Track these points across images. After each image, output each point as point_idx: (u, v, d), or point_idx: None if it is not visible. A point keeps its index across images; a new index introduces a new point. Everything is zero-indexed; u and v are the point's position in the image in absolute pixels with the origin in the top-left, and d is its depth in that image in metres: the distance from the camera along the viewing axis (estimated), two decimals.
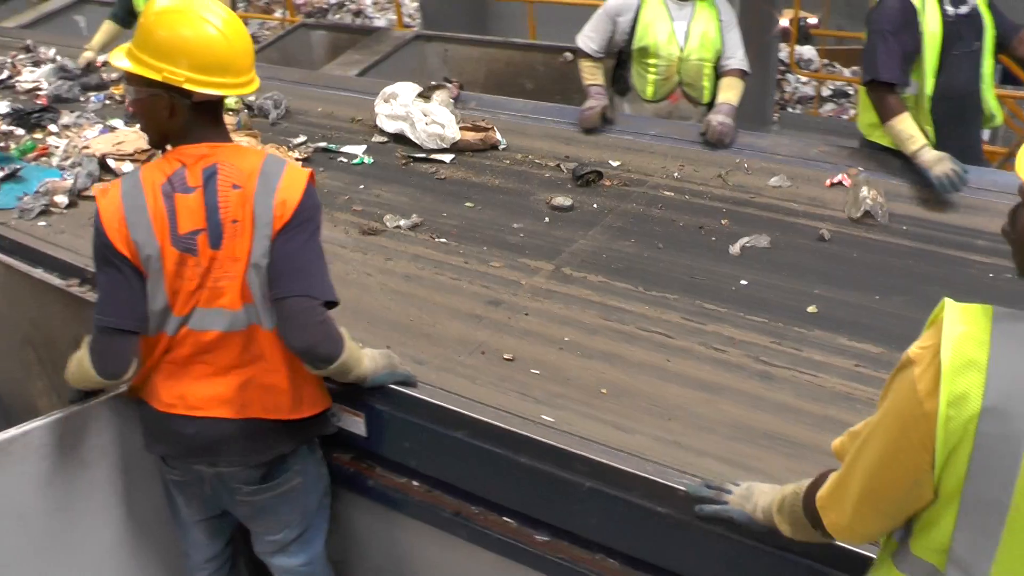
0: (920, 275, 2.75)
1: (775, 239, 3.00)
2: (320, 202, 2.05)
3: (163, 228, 1.95)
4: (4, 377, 3.59)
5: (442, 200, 3.45)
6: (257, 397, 2.06)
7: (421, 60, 5.76)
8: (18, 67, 5.48)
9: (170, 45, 1.91)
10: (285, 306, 1.95)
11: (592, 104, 3.95)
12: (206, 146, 1.99)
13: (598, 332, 2.55)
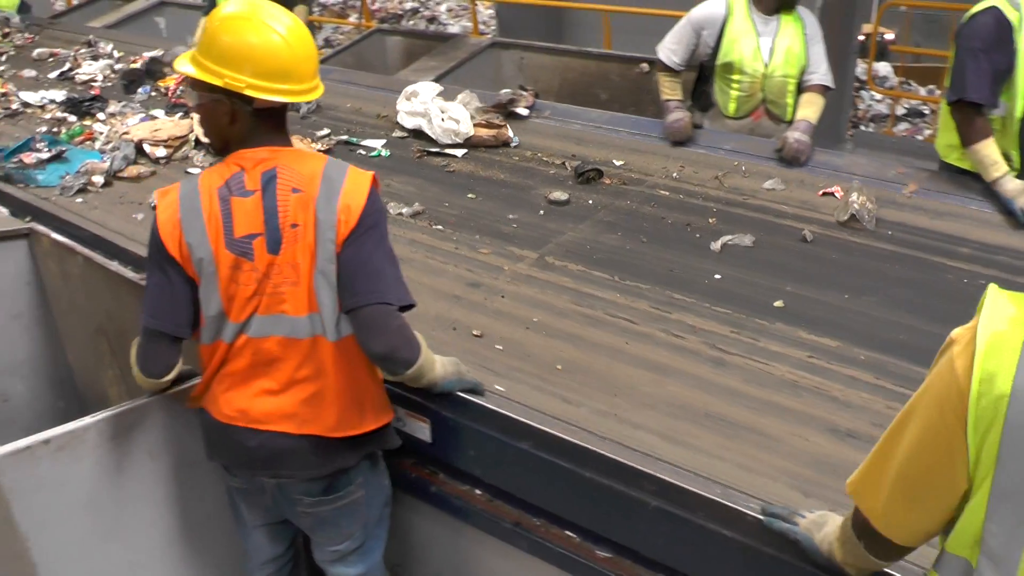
0: (895, 278, 2.82)
1: (759, 239, 3.08)
2: (383, 206, 2.03)
3: (217, 231, 1.95)
4: (79, 365, 3.69)
5: (447, 191, 3.60)
6: (319, 413, 2.04)
7: (496, 68, 5.76)
8: (79, 60, 5.91)
9: (232, 51, 1.91)
10: (362, 315, 1.94)
11: (679, 116, 3.86)
12: (266, 150, 1.99)
13: (567, 315, 2.68)
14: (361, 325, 1.96)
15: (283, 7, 2.02)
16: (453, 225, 3.29)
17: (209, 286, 1.99)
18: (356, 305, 1.94)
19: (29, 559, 2.11)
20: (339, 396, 2.04)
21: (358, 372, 2.04)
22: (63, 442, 2.11)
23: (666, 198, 3.46)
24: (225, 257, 1.96)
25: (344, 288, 1.95)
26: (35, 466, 2.07)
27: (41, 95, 5.09)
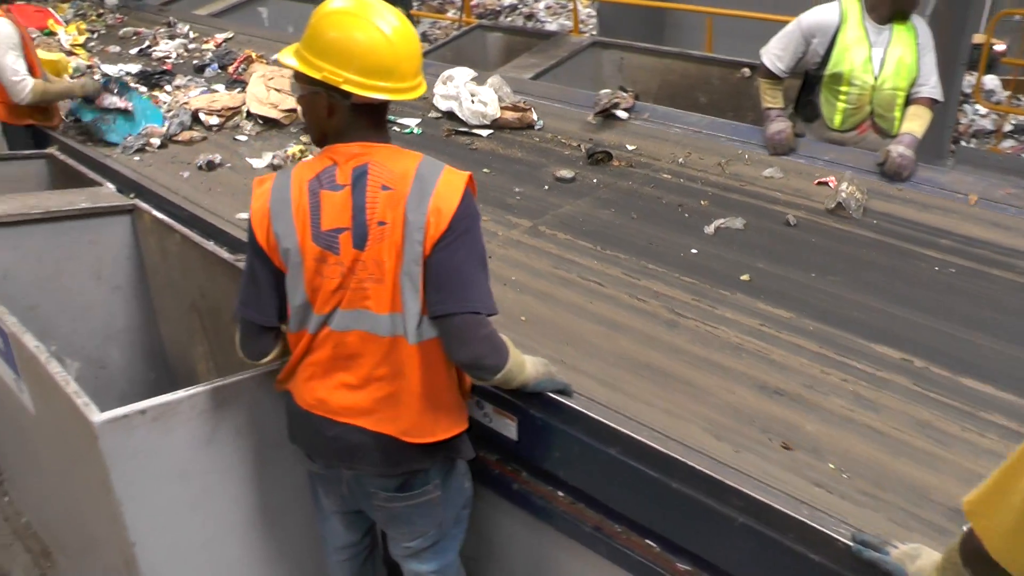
0: (866, 262, 2.96)
1: (747, 222, 3.24)
2: (477, 210, 1.98)
3: (304, 223, 1.96)
4: (171, 339, 3.79)
5: (465, 166, 3.44)
6: (393, 414, 2.04)
7: (596, 67, 5.71)
8: (157, 39, 6.57)
9: (333, 46, 1.91)
10: (450, 323, 1.92)
11: (781, 127, 3.76)
12: (360, 145, 1.97)
13: (543, 276, 2.91)
14: (448, 333, 1.94)
15: (390, 4, 1.99)
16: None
17: (295, 277, 2.01)
18: (444, 313, 1.92)
19: (122, 521, 2.18)
20: (415, 400, 2.03)
21: (436, 378, 2.03)
22: (158, 413, 2.16)
23: (666, 180, 3.68)
24: (311, 249, 1.97)
25: (431, 293, 1.92)
26: (131, 434, 2.13)
27: (119, 67, 5.58)
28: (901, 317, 2.64)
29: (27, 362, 2.50)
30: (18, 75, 4.37)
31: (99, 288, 3.64)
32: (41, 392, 2.50)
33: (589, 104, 4.29)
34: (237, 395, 2.31)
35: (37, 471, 3.17)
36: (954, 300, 2.73)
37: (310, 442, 2.18)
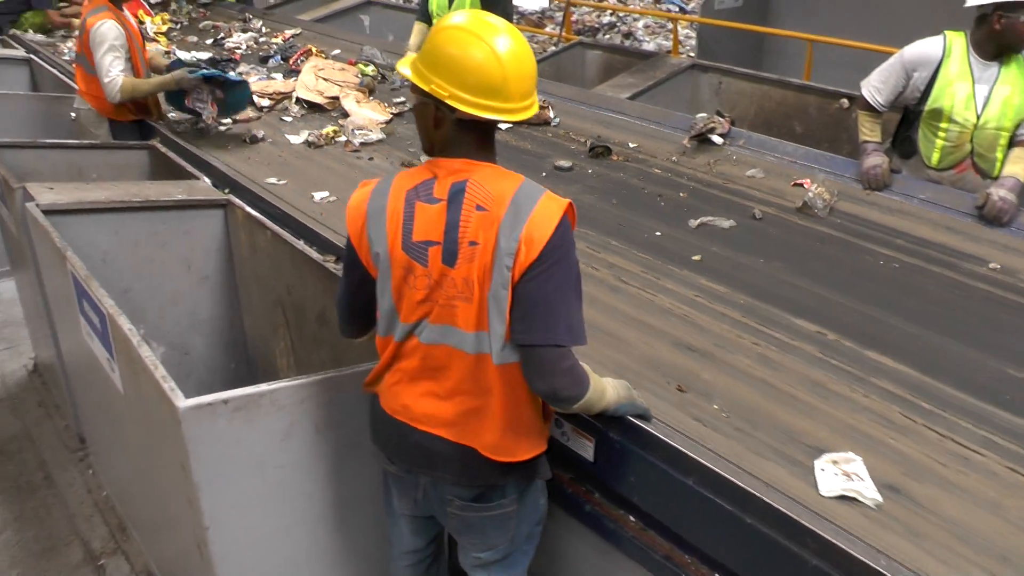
0: (815, 253, 3.18)
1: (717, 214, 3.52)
2: (573, 239, 1.95)
3: (396, 231, 1.99)
4: (254, 332, 3.87)
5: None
6: (477, 429, 2.04)
7: (694, 90, 5.68)
8: (231, 32, 7.24)
9: (445, 60, 1.91)
10: (531, 354, 1.92)
11: (877, 161, 3.67)
12: (463, 162, 1.97)
13: None
14: (529, 362, 1.94)
15: (509, 26, 1.97)
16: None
17: (384, 282, 2.04)
18: (526, 343, 1.92)
19: (198, 505, 2.22)
20: (498, 417, 2.03)
21: (519, 399, 2.02)
22: (240, 404, 2.21)
23: (656, 175, 4.01)
24: (399, 257, 1.99)
25: (517, 321, 1.92)
26: (213, 422, 2.17)
27: (192, 54, 5.82)
28: (830, 299, 2.91)
29: (121, 343, 2.57)
30: (109, 75, 4.51)
31: (188, 277, 3.74)
32: (131, 373, 2.56)
33: (684, 127, 4.26)
34: (318, 393, 2.35)
35: (120, 448, 3.26)
36: (887, 289, 2.97)
37: (391, 445, 2.20)
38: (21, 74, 6.62)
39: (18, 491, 3.91)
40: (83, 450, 4.10)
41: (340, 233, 3.51)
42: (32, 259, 3.67)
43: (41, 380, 4.70)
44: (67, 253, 2.97)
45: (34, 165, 4.24)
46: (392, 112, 4.93)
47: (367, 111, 4.93)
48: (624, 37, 13.57)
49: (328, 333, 3.16)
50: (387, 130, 4.72)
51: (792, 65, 8.37)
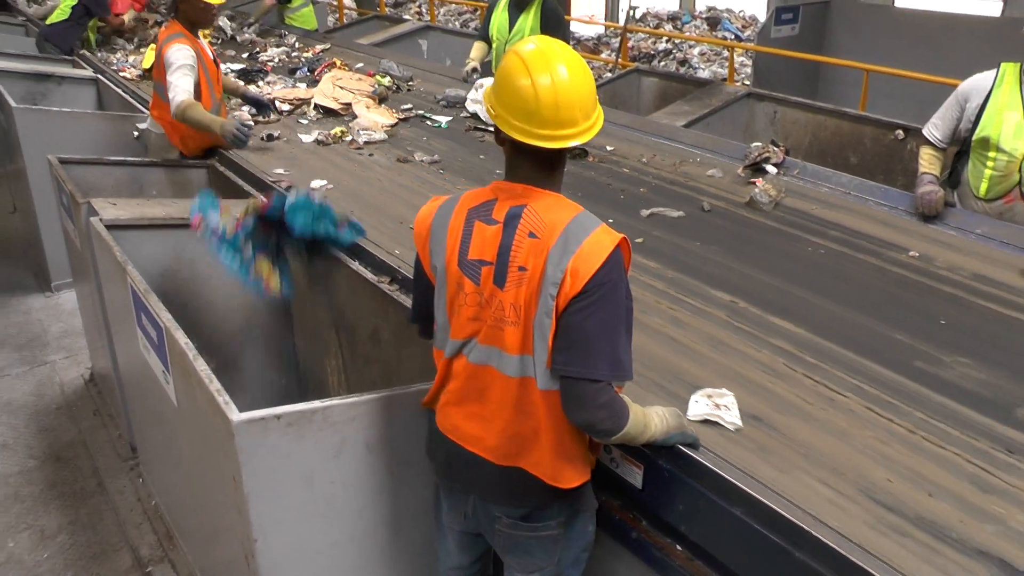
0: (749, 239, 3.43)
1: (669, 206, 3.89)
2: (623, 275, 1.96)
3: (454, 246, 2.05)
4: (306, 349, 3.92)
5: (467, 152, 4.79)
6: (521, 451, 2.07)
7: (749, 118, 5.66)
8: (267, 47, 7.90)
9: (499, 83, 2.00)
10: (568, 385, 1.94)
11: (931, 188, 3.62)
12: (523, 187, 2.02)
13: None
14: (567, 394, 1.96)
15: (571, 57, 2.00)
16: (452, 171, 4.43)
17: (440, 295, 2.12)
18: (565, 374, 1.94)
19: (248, 517, 2.25)
20: (542, 442, 2.05)
21: (562, 425, 2.03)
22: (293, 419, 2.24)
23: (623, 173, 4.39)
24: (454, 272, 2.05)
25: (558, 351, 1.94)
26: (266, 436, 2.21)
27: (227, 66, 6.63)
28: (751, 275, 3.21)
29: (177, 357, 2.62)
30: (175, 90, 4.51)
31: (243, 294, 3.79)
32: (186, 386, 2.61)
33: (739, 156, 4.26)
34: (370, 412, 2.37)
35: (172, 459, 3.31)
36: (807, 270, 3.26)
37: (443, 462, 2.25)
38: (89, 93, 6.83)
39: (73, 496, 3.99)
40: (134, 459, 4.18)
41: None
42: (93, 271, 3.76)
43: (97, 389, 4.80)
44: (127, 267, 3.05)
45: (99, 181, 4.36)
46: (399, 117, 5.40)
47: (374, 115, 5.38)
48: (679, 64, 13.58)
49: (380, 352, 3.19)
50: (390, 132, 5.13)
51: (847, 95, 8.33)
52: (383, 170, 4.48)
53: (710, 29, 16.77)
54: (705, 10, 18.00)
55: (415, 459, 2.41)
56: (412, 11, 19.29)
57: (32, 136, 5.43)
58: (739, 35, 16.26)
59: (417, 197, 3.95)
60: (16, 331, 5.51)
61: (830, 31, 10.13)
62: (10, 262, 6.56)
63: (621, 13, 20.39)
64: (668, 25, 17.26)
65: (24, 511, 3.90)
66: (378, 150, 4.84)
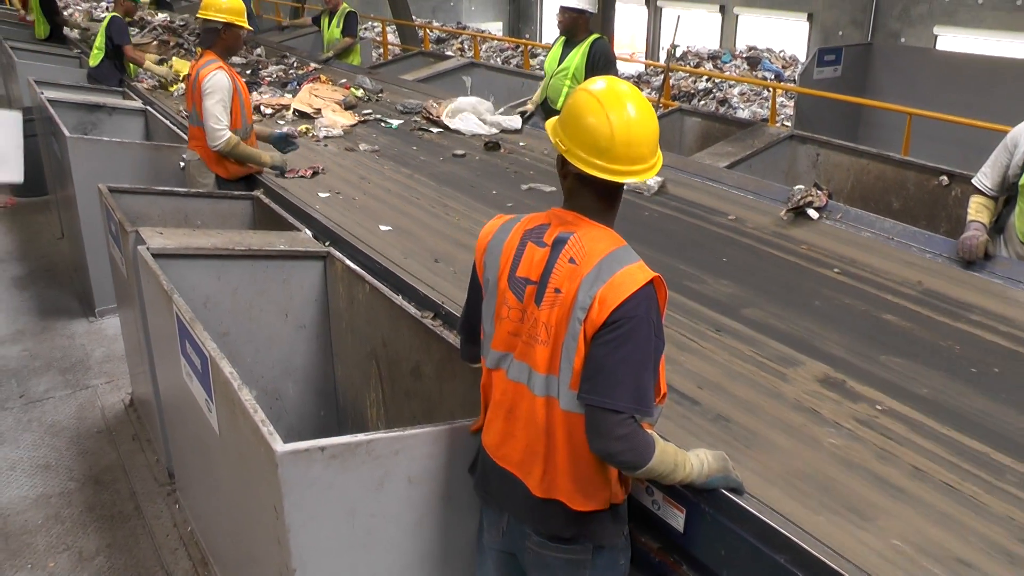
0: (625, 216, 3.48)
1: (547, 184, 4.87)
2: (653, 311, 1.98)
3: (507, 263, 2.15)
4: (345, 382, 3.93)
5: (404, 144, 5.99)
6: (542, 470, 2.11)
7: (791, 160, 5.65)
8: (267, 64, 8.90)
9: (569, 118, 2.07)
10: (590, 413, 1.98)
11: (974, 233, 3.58)
12: (575, 216, 2.10)
13: (395, 195, 4.85)
14: (588, 421, 1.99)
15: (640, 97, 2.09)
16: (385, 157, 5.64)
17: (488, 305, 2.21)
18: (587, 402, 1.98)
19: (287, 546, 2.25)
20: (559, 461, 2.09)
21: (581, 450, 2.05)
22: (336, 452, 2.24)
23: (526, 162, 5.31)
24: (503, 287, 2.15)
25: (584, 379, 1.99)
26: (309, 468, 2.21)
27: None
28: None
29: (221, 386, 2.65)
30: (220, 123, 4.83)
31: (285, 325, 3.84)
32: (229, 415, 2.64)
33: (781, 198, 4.25)
34: (413, 446, 2.37)
35: (210, 486, 3.33)
36: (655, 235, 4.01)
37: (482, 476, 2.31)
38: (137, 123, 6.99)
39: (111, 519, 4.03)
40: (171, 484, 4.21)
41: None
42: (138, 298, 3.82)
43: (136, 414, 4.86)
44: (173, 296, 3.09)
45: (146, 210, 4.44)
46: (359, 119, 6.66)
47: (337, 117, 6.63)
48: (719, 104, 13.60)
49: (421, 387, 3.20)
50: (347, 130, 6.35)
51: (889, 138, 8.28)
52: (331, 155, 5.72)
53: (750, 69, 16.80)
54: (745, 49, 18.05)
55: (456, 494, 2.41)
56: (454, 47, 19.52)
57: (82, 164, 5.56)
58: (779, 75, 16.27)
59: (348, 173, 5.30)
60: (60, 355, 5.60)
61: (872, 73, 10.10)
62: (56, 287, 6.68)
63: (662, 51, 20.56)
64: (708, 64, 17.32)
65: (64, 532, 3.94)
66: (332, 142, 6.07)
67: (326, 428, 4.02)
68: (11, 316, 6.18)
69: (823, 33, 17.26)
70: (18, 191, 8.77)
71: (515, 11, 26.34)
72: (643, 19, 21.93)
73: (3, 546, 3.85)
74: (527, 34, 25.50)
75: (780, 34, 18.44)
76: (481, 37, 16.46)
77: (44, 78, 7.65)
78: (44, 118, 6.61)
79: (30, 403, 5.03)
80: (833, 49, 9.88)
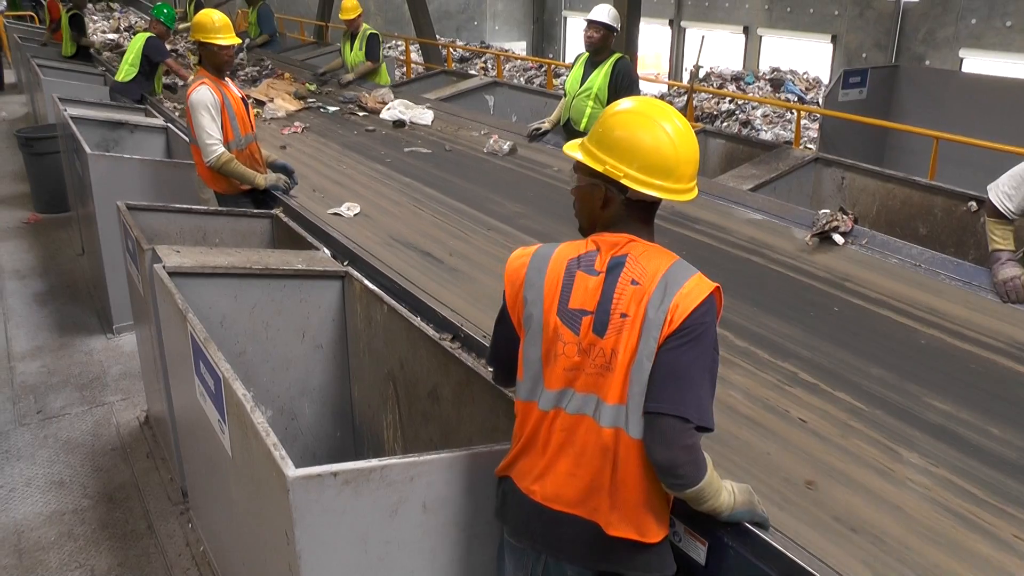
0: (473, 167, 5.06)
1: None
2: (715, 321, 1.96)
3: (554, 296, 2.04)
4: (362, 403, 3.89)
5: (331, 123, 7.58)
6: (606, 507, 2.02)
7: (817, 184, 5.58)
8: (246, 65, 10.47)
9: (622, 143, 1.99)
10: (657, 422, 1.91)
11: (1014, 273, 3.45)
12: (625, 237, 2.04)
13: (332, 161, 6.21)
14: (652, 431, 1.92)
15: (672, 108, 2.06)
16: (313, 133, 7.10)
17: (532, 344, 2.09)
18: (655, 411, 1.91)
19: (298, 572, 2.20)
20: (627, 495, 2.01)
21: (650, 475, 1.99)
22: (350, 477, 2.19)
23: (419, 135, 6.88)
24: (553, 321, 2.04)
25: (651, 390, 1.92)
26: (321, 492, 2.16)
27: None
28: (474, 191, 5.25)
29: (234, 407, 2.60)
30: (212, 138, 4.90)
31: (302, 345, 3.80)
32: (241, 437, 2.59)
33: (806, 223, 4.18)
34: (428, 472, 2.32)
35: (222, 507, 3.29)
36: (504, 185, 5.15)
37: (519, 522, 2.18)
38: (159, 141, 7.02)
39: (124, 537, 4.00)
40: (185, 504, 4.18)
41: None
42: (154, 316, 3.80)
43: (151, 432, 4.83)
44: (188, 315, 3.06)
45: (163, 228, 4.43)
46: (303, 106, 8.22)
47: (283, 103, 8.09)
48: (742, 125, 13.54)
49: (439, 410, 3.15)
50: (291, 114, 7.91)
51: (916, 162, 8.18)
52: (270, 130, 7.15)
53: (773, 90, 16.75)
54: (768, 71, 18.00)
55: (473, 522, 2.35)
56: (477, 67, 19.59)
57: (103, 181, 5.58)
58: (802, 97, 16.20)
59: (276, 141, 6.70)
60: (78, 371, 5.59)
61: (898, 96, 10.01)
62: (76, 303, 6.69)
63: (685, 72, 20.54)
64: (731, 85, 17.28)
65: (77, 550, 3.91)
66: (275, 122, 7.58)
67: (342, 449, 3.98)
68: (31, 332, 6.19)
69: (846, 55, 17.21)
70: (41, 208, 8.82)
71: (538, 31, 26.44)
72: (667, 39, 21.95)
73: (17, 563, 3.82)
74: (550, 54, 25.57)
75: (803, 56, 18.39)
76: (504, 56, 16.48)
77: (69, 95, 7.71)
78: (67, 135, 6.64)
79: (47, 419, 5.01)
80: (859, 71, 9.80)
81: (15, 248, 7.92)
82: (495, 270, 3.80)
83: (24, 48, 12.51)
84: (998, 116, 9.13)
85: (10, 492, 4.33)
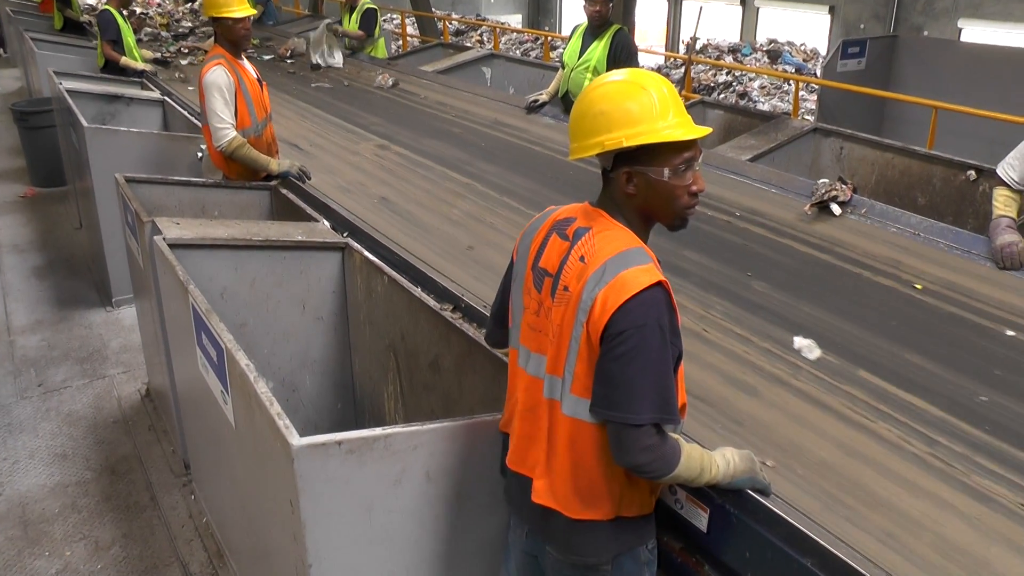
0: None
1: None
2: (662, 315, 1.85)
3: (534, 251, 2.09)
4: (363, 375, 3.90)
5: (279, 77, 8.30)
6: (548, 478, 2.03)
7: (815, 154, 5.55)
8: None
9: (613, 107, 1.91)
10: (610, 429, 1.91)
11: (1012, 239, 3.45)
12: (598, 212, 2.01)
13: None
14: (611, 437, 1.91)
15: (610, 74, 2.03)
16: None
17: (515, 294, 2.16)
18: (604, 418, 1.90)
19: (303, 542, 2.22)
20: (559, 468, 2.02)
21: (582, 459, 1.99)
22: (354, 446, 2.21)
23: (332, 77, 8.24)
24: (528, 275, 2.09)
25: (600, 393, 1.90)
26: (326, 462, 2.17)
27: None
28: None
29: (237, 378, 2.61)
30: (223, 122, 4.67)
31: (302, 317, 3.81)
32: (245, 408, 2.61)
33: (805, 192, 4.17)
34: (431, 441, 2.33)
35: (225, 477, 3.31)
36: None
37: (507, 481, 2.24)
38: (155, 114, 6.99)
39: (127, 510, 4.03)
40: (187, 475, 4.20)
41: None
42: (155, 289, 3.80)
43: (152, 405, 4.85)
44: (189, 287, 3.06)
45: (163, 200, 4.42)
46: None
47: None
48: (740, 96, 13.49)
49: (440, 381, 3.16)
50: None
51: (915, 132, 8.18)
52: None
53: (770, 62, 16.67)
54: (766, 42, 17.91)
55: (476, 491, 2.37)
56: (473, 39, 19.46)
57: (100, 155, 5.55)
58: (800, 68, 16.13)
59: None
60: (78, 344, 5.60)
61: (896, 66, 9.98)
62: (74, 277, 6.69)
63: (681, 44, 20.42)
64: (729, 57, 17.20)
65: (80, 521, 3.94)
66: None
67: (343, 421, 4.00)
68: (30, 306, 6.19)
69: (844, 27, 17.12)
70: (38, 182, 8.80)
71: (534, 3, 26.26)
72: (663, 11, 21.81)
73: (22, 534, 3.85)
74: (546, 26, 25.40)
75: (801, 27, 18.30)
76: (500, 29, 16.37)
77: (64, 69, 7.66)
78: (63, 109, 6.61)
79: (48, 392, 5.03)
80: (857, 41, 9.76)
81: (12, 222, 7.91)
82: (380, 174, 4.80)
83: (16, 21, 12.42)
84: (997, 85, 9.11)
85: (14, 464, 4.35)
